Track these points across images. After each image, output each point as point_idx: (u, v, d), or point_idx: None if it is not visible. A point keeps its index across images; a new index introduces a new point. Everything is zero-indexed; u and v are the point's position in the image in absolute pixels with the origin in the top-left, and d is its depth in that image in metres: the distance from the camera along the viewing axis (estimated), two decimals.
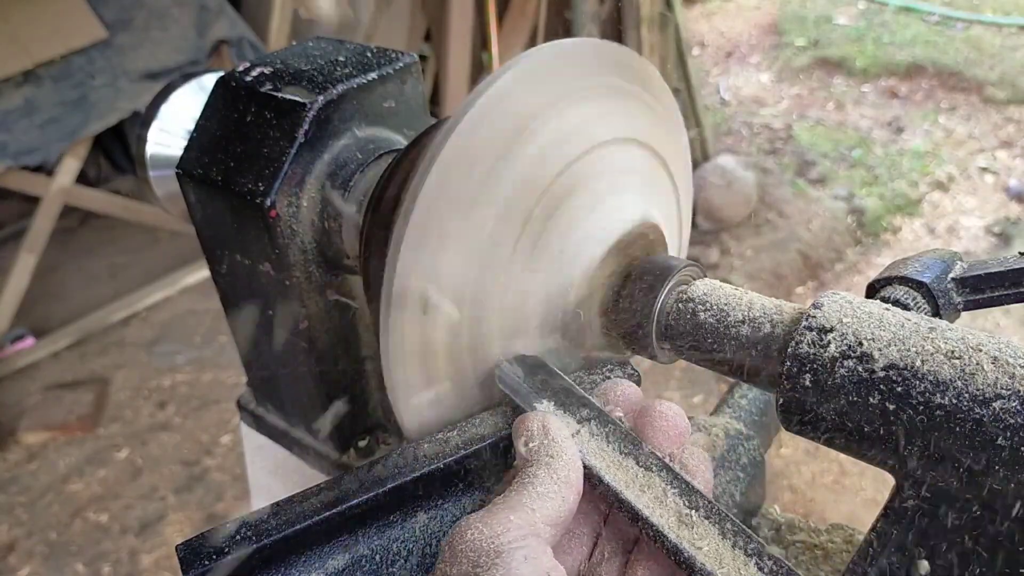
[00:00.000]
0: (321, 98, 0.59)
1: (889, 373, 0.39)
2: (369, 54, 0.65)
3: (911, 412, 0.38)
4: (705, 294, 0.49)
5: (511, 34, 3.18)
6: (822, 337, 0.41)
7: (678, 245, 0.62)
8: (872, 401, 0.39)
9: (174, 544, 0.55)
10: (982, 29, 4.56)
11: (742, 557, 0.37)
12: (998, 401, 0.36)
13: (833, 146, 3.75)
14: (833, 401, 0.40)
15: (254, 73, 0.63)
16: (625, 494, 0.40)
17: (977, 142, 3.71)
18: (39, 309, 2.99)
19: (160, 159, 0.76)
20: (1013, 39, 4.41)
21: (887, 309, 0.42)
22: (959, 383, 0.37)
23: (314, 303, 0.64)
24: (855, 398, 0.40)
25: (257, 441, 0.81)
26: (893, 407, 0.38)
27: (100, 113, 2.68)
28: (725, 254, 3.09)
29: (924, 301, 0.47)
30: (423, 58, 3.26)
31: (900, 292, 0.48)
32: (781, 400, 0.43)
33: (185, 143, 0.65)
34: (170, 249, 3.28)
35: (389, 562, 0.43)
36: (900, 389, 0.38)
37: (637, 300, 0.50)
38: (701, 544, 0.38)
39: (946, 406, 0.37)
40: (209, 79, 0.77)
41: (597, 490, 0.42)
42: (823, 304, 0.43)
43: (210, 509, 2.26)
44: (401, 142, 0.65)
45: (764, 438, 0.65)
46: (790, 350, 0.42)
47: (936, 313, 0.47)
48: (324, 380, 0.67)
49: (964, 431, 0.36)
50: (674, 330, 0.49)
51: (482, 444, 0.45)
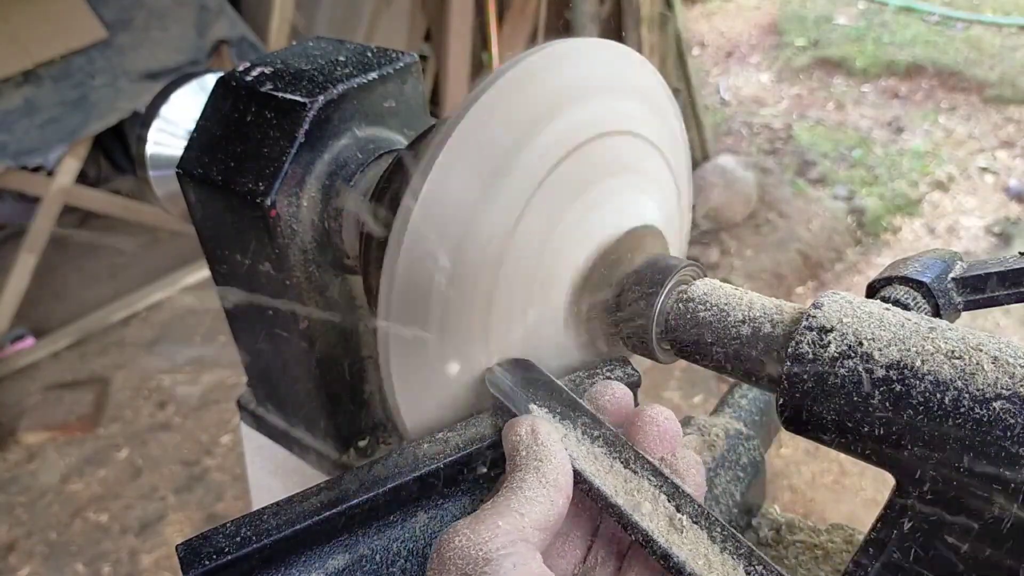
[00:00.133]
0: (321, 98, 0.59)
1: (889, 373, 0.39)
2: (369, 54, 0.65)
3: (911, 412, 0.38)
4: (705, 294, 0.49)
5: (511, 34, 3.18)
6: (822, 337, 0.41)
7: (679, 228, 0.61)
8: (872, 401, 0.39)
9: (174, 544, 0.55)
10: (982, 29, 4.56)
11: (731, 561, 0.37)
12: (998, 401, 0.36)
13: (833, 146, 3.75)
14: (833, 401, 0.40)
15: (254, 73, 0.63)
16: (614, 499, 0.40)
17: (977, 142, 3.71)
18: (39, 309, 2.99)
19: (160, 159, 0.76)
20: (1013, 39, 4.41)
21: (887, 309, 0.42)
22: (959, 383, 0.37)
23: (314, 303, 0.64)
24: (855, 398, 0.40)
25: (257, 441, 0.81)
26: (893, 407, 0.38)
27: (100, 113, 2.68)
28: (725, 254, 3.09)
29: (924, 301, 0.47)
30: (423, 58, 3.26)
31: (900, 292, 0.48)
32: (781, 400, 0.43)
33: (185, 143, 0.65)
34: (170, 249, 3.28)
35: (389, 562, 0.43)
36: (900, 389, 0.38)
37: (637, 300, 0.50)
38: (690, 548, 0.38)
39: (946, 406, 0.37)
40: (209, 79, 0.77)
41: (587, 495, 0.41)
42: (823, 304, 0.43)
43: (210, 509, 2.26)
44: (401, 142, 0.65)
45: (764, 438, 0.65)
46: (790, 350, 0.42)
47: (936, 313, 0.47)
48: (324, 380, 0.67)
49: (964, 431, 0.36)
50: (674, 330, 0.49)
51: (482, 444, 0.45)
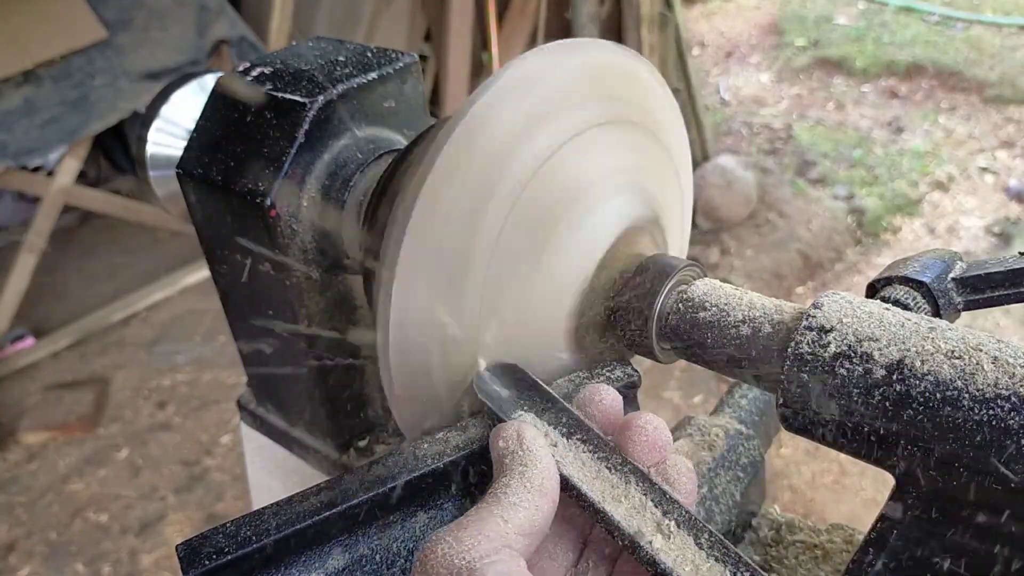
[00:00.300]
0: (321, 98, 0.59)
1: (889, 373, 0.39)
2: (369, 54, 0.65)
3: (911, 412, 0.38)
4: (705, 294, 0.49)
5: (511, 34, 3.18)
6: (822, 337, 0.41)
7: (680, 215, 0.61)
8: (872, 401, 0.39)
9: (174, 544, 0.55)
10: (982, 29, 4.55)
11: (718, 567, 0.37)
12: (998, 401, 0.36)
13: (833, 146, 3.75)
14: (833, 401, 0.40)
15: (254, 73, 0.63)
16: (601, 504, 0.40)
17: (977, 142, 3.71)
18: (39, 309, 2.99)
19: (160, 159, 0.76)
20: (1013, 39, 4.41)
21: (887, 309, 0.42)
22: (959, 383, 0.37)
23: (314, 303, 0.64)
24: (855, 398, 0.40)
25: (257, 441, 0.81)
26: (893, 407, 0.38)
27: (100, 113, 2.68)
28: (725, 254, 3.09)
29: (924, 301, 0.47)
30: (423, 58, 3.26)
31: (900, 292, 0.48)
32: (781, 400, 0.43)
33: (185, 143, 0.65)
34: (170, 249, 3.28)
35: (389, 562, 0.43)
36: (900, 389, 0.38)
37: (637, 301, 0.50)
38: (677, 554, 0.38)
39: (946, 406, 0.37)
40: (209, 79, 0.77)
41: (574, 500, 0.41)
42: (823, 304, 0.43)
43: (210, 509, 2.26)
44: (401, 142, 0.65)
45: (764, 438, 0.65)
46: (790, 350, 0.42)
47: (936, 313, 0.47)
48: (324, 380, 0.67)
49: (964, 431, 0.36)
50: (674, 330, 0.49)
51: (483, 444, 0.45)
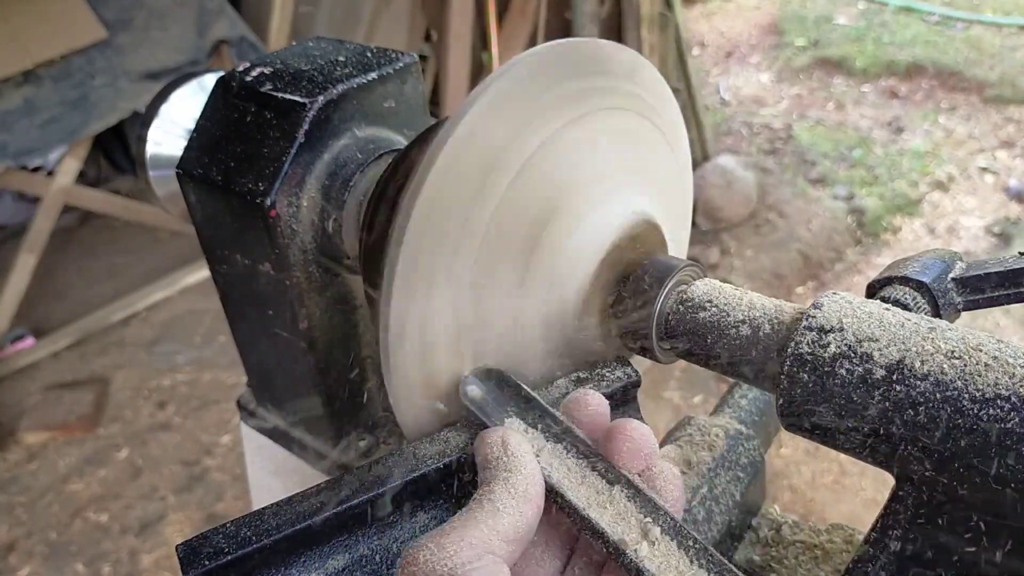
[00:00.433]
0: (321, 98, 0.59)
1: (889, 373, 0.39)
2: (369, 54, 0.65)
3: (911, 412, 0.38)
4: (705, 294, 0.49)
5: (511, 34, 3.18)
6: (822, 337, 0.41)
7: (681, 205, 0.61)
8: (872, 401, 0.39)
9: (174, 544, 0.55)
10: (982, 29, 4.56)
11: (703, 574, 0.37)
12: (998, 401, 0.36)
13: (833, 146, 3.75)
14: (833, 401, 0.40)
15: (254, 73, 0.63)
16: (586, 511, 0.40)
17: (977, 142, 3.71)
18: (39, 309, 2.99)
19: (160, 159, 0.76)
20: (1013, 39, 4.41)
21: (887, 309, 0.42)
22: (959, 383, 0.37)
23: (314, 303, 0.64)
24: (855, 398, 0.40)
25: (257, 441, 0.81)
26: (893, 407, 0.38)
27: (100, 113, 2.68)
28: (725, 254, 3.09)
29: (924, 301, 0.47)
30: (423, 58, 3.26)
31: (900, 292, 0.48)
32: (781, 400, 0.43)
33: (185, 143, 0.65)
34: (170, 249, 3.28)
35: (389, 562, 0.43)
36: (900, 389, 0.38)
37: (637, 301, 0.50)
38: (662, 561, 0.38)
39: (946, 406, 0.37)
40: (209, 79, 0.77)
41: (559, 506, 0.41)
42: (823, 304, 0.43)
43: (210, 509, 2.26)
44: (401, 142, 0.65)
45: (764, 438, 0.65)
46: (790, 350, 0.42)
47: (936, 313, 0.47)
48: (324, 380, 0.67)
49: (964, 431, 0.36)
50: (674, 330, 0.49)
51: None
